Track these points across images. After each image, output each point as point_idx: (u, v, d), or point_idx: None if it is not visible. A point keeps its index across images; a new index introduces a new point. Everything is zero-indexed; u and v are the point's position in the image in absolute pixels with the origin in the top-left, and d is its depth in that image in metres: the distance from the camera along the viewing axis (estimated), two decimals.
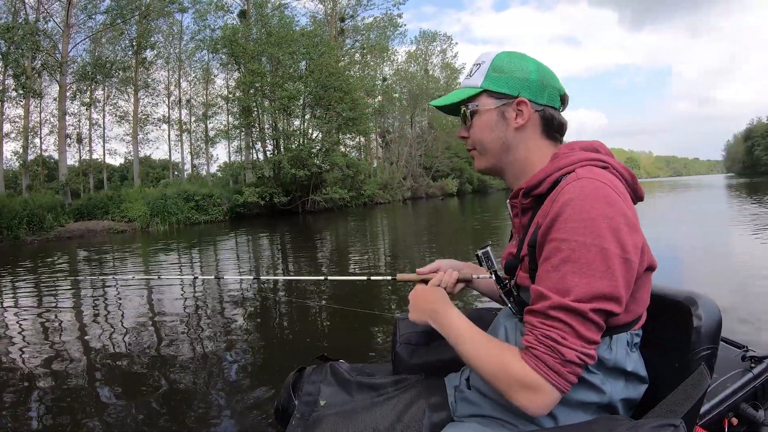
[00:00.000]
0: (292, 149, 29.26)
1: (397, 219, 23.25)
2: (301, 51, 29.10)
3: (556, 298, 1.05)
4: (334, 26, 39.71)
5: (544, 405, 1.07)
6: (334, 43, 35.63)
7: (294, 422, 1.43)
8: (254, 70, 27.64)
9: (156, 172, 44.45)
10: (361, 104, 33.02)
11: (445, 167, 51.20)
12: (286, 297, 6.11)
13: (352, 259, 9.02)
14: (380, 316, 4.97)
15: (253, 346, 4.51)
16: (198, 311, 6.20)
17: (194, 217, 24.17)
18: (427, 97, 50.67)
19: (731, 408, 1.46)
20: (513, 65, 1.25)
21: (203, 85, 35.27)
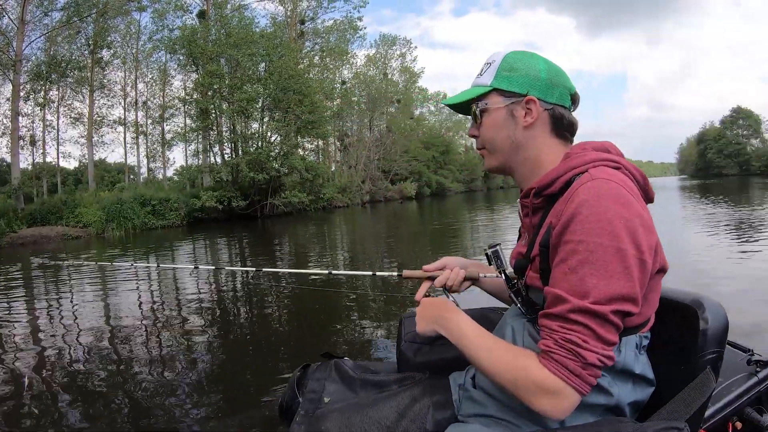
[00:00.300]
0: (250, 152, 28.89)
1: (356, 223, 23.39)
2: (260, 53, 28.86)
3: (575, 301, 1.05)
4: (294, 28, 39.44)
5: (565, 409, 1.07)
6: (294, 46, 35.41)
7: (298, 419, 1.43)
8: (213, 72, 27.20)
9: (111, 176, 43.41)
10: (320, 107, 32.90)
11: (403, 171, 51.49)
12: (289, 291, 6.12)
13: (312, 266, 9.04)
14: (385, 314, 5.05)
15: (257, 343, 4.56)
16: (199, 306, 6.23)
17: (151, 222, 23.63)
18: (385, 101, 50.95)
19: (736, 412, 1.46)
20: (523, 64, 1.26)
21: (160, 86, 34.44)
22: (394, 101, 52.70)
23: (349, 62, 46.90)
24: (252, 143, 30.44)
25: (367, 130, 50.16)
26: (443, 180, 60.54)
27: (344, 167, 46.92)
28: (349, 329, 4.79)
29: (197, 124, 29.66)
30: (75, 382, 3.72)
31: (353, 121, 48.94)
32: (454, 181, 64.45)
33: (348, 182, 41.54)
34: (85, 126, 31.55)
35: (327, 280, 6.52)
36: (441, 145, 63.41)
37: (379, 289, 6.28)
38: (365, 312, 5.24)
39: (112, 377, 3.83)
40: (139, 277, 8.24)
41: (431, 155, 58.90)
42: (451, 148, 68.17)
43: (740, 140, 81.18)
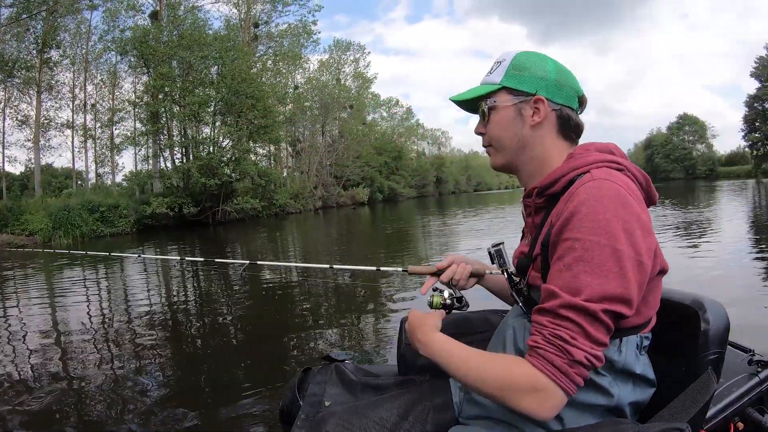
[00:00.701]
0: (202, 157, 28.39)
1: (309, 229, 23.34)
2: (213, 55, 28.48)
3: (566, 297, 1.05)
4: (247, 32, 39.00)
5: (551, 407, 1.06)
6: (248, 49, 35.05)
7: (299, 423, 1.43)
8: (164, 74, 26.65)
9: (59, 181, 41.65)
10: (272, 112, 32.79)
11: (356, 176, 51.67)
12: (288, 292, 6.12)
13: (241, 281, 9.00)
14: (385, 317, 5.12)
15: (257, 347, 4.61)
16: (195, 308, 6.29)
17: (99, 230, 22.87)
18: (338, 106, 50.96)
19: (737, 412, 1.45)
20: (533, 64, 1.28)
21: (110, 89, 33.22)
22: (346, 107, 52.76)
23: (303, 67, 46.71)
24: (203, 148, 29.99)
25: (319, 136, 50.01)
26: (395, 185, 61.09)
27: (296, 173, 46.74)
28: (350, 332, 4.88)
29: (147, 127, 28.95)
30: (64, 381, 3.77)
31: (305, 126, 48.64)
32: (406, 187, 65.12)
33: (300, 188, 41.28)
34: (31, 129, 30.17)
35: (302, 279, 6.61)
36: (393, 151, 64.00)
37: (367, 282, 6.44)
38: (366, 315, 5.33)
39: (109, 379, 3.88)
40: (126, 274, 8.15)
41: (383, 161, 59.31)
42: (403, 153, 68.88)
43: (686, 145, 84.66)
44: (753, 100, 57.61)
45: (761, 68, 55.72)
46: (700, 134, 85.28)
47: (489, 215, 22.26)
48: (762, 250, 8.25)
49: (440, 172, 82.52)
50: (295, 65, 44.53)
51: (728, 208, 17.86)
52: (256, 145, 34.77)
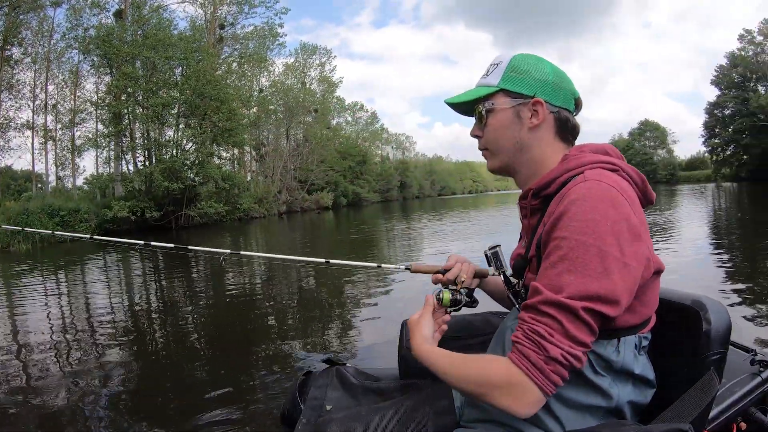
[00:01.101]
0: (164, 160, 27.96)
1: (274, 233, 23.16)
2: (178, 56, 28.05)
3: (547, 294, 1.06)
4: (213, 33, 38.55)
5: (527, 404, 1.06)
6: (213, 51, 34.70)
7: (300, 427, 1.44)
8: (127, 74, 26.11)
9: (18, 184, 40.49)
10: (237, 115, 32.51)
11: (320, 181, 51.46)
12: (286, 293, 6.12)
13: (229, 279, 9.04)
14: (386, 320, 5.12)
15: (258, 350, 4.64)
16: (192, 310, 6.28)
17: (60, 235, 22.04)
18: (303, 110, 50.79)
19: (740, 413, 1.45)
20: (530, 66, 1.28)
21: (71, 89, 32.11)
22: (311, 111, 52.62)
23: (268, 70, 46.47)
24: (166, 151, 29.51)
25: (283, 140, 49.71)
26: (360, 190, 61.10)
27: (260, 177, 46.34)
28: (351, 335, 4.93)
29: (109, 129, 28.33)
30: (79, 377, 3.75)
31: (270, 130, 48.34)
32: (371, 191, 65.19)
33: (265, 192, 40.88)
34: None
35: None
36: (357, 155, 63.98)
37: None
38: (367, 317, 5.37)
39: (108, 378, 3.94)
40: (94, 277, 8.03)
41: (348, 165, 59.23)
42: (368, 158, 68.92)
43: (647, 151, 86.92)
44: (713, 107, 60.13)
45: (721, 76, 58.23)
46: (661, 140, 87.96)
47: (454, 219, 22.60)
48: (721, 250, 8.71)
49: (404, 177, 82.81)
50: (261, 68, 44.30)
51: (688, 210, 18.56)
52: (220, 149, 34.39)
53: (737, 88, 56.49)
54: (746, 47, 55.87)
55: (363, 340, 4.69)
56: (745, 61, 55.66)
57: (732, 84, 57.03)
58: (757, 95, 52.48)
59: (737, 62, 56.18)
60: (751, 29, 55.57)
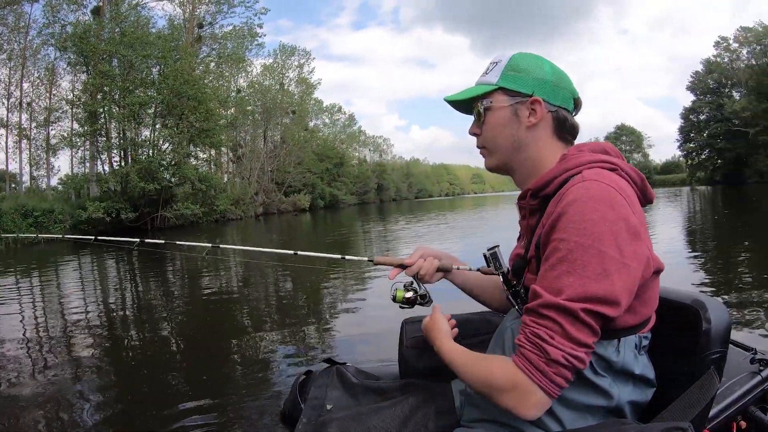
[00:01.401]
0: (140, 161, 27.69)
1: (251, 236, 23.03)
2: (155, 55, 27.78)
3: (547, 297, 1.06)
4: (191, 32, 38.22)
5: (532, 406, 1.07)
6: (191, 50, 34.36)
7: (301, 427, 1.44)
8: (104, 72, 25.82)
9: None
10: (214, 115, 32.30)
11: (297, 183, 51.33)
12: (286, 292, 6.13)
13: (205, 283, 8.99)
14: (386, 319, 4.96)
15: (258, 349, 4.63)
16: (190, 309, 6.29)
17: (33, 236, 21.73)
18: (280, 112, 50.67)
19: (740, 411, 1.45)
20: (529, 65, 1.28)
21: (47, 87, 31.35)
22: (289, 112, 52.50)
23: (246, 70, 46.25)
24: (143, 151, 29.20)
25: (261, 141, 49.55)
26: (337, 192, 61.17)
27: (237, 179, 46.06)
28: (351, 334, 4.94)
29: (85, 128, 27.90)
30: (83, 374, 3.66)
31: (247, 131, 48.05)
32: (348, 194, 65.28)
33: (241, 194, 40.69)
34: None
35: None
36: (335, 157, 64.19)
37: None
38: (367, 316, 5.39)
39: (105, 377, 3.94)
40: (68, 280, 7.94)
41: (325, 167, 59.30)
42: (345, 160, 69.20)
43: (623, 155, 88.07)
44: (688, 112, 61.83)
45: (697, 82, 59.92)
46: (636, 144, 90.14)
47: (431, 221, 22.69)
48: (695, 251, 8.96)
49: (381, 179, 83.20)
50: (239, 68, 44.06)
51: (664, 213, 18.90)
52: (197, 149, 34.07)
53: (712, 94, 58.30)
54: (722, 54, 57.61)
55: (363, 340, 4.70)
56: (721, 67, 57.44)
57: (707, 90, 58.80)
58: (731, 101, 54.23)
59: (713, 68, 57.96)
60: (727, 36, 57.27)
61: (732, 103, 53.70)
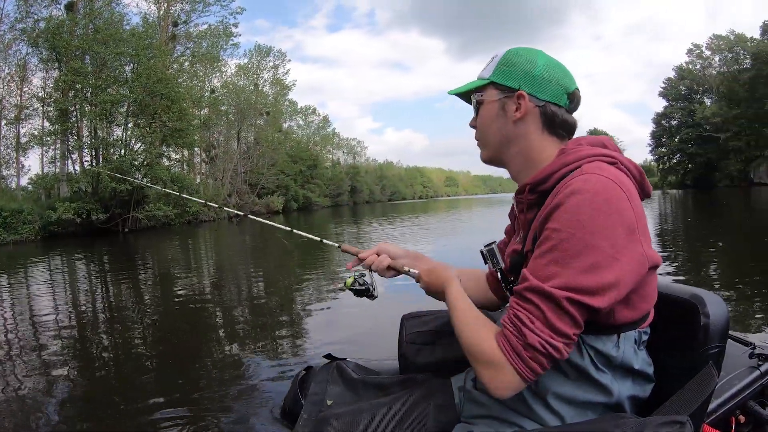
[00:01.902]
0: (112, 161, 27.12)
1: (224, 238, 22.83)
2: (129, 52, 27.18)
3: (534, 281, 1.08)
4: (166, 30, 37.65)
5: (504, 386, 1.09)
6: (165, 48, 33.82)
7: (301, 422, 1.46)
8: (76, 69, 25.21)
9: None
10: (188, 115, 31.85)
11: (270, 184, 51.02)
12: (284, 288, 6.15)
13: (178, 285, 8.86)
14: (385, 314, 4.92)
15: (260, 344, 4.69)
16: (200, 306, 6.31)
17: (1, 237, 21.19)
18: (254, 113, 50.36)
19: (739, 406, 1.46)
20: (520, 59, 1.28)
21: (18, 83, 30.26)
22: (263, 113, 52.24)
23: (221, 70, 45.80)
24: (114, 151, 28.61)
25: (234, 142, 49.12)
26: (310, 194, 60.88)
27: (210, 180, 45.53)
28: (351, 329, 5.01)
29: (56, 127, 27.17)
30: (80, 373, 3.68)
31: (220, 132, 47.54)
32: (321, 196, 65.07)
33: (214, 195, 40.39)
34: None
35: None
36: (308, 159, 63.98)
37: None
38: (366, 312, 5.40)
39: (104, 374, 4.00)
40: None
41: (299, 169, 59.06)
42: (319, 162, 69.03)
43: None
44: (660, 118, 64.28)
45: (669, 88, 61.69)
46: None
47: (404, 224, 22.91)
48: (667, 253, 9.12)
49: (355, 182, 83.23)
50: (213, 68, 43.66)
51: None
52: (169, 150, 33.63)
53: (684, 100, 60.61)
54: (694, 61, 59.44)
55: (362, 335, 4.74)
56: (693, 74, 59.34)
57: (679, 96, 60.97)
58: (703, 107, 56.49)
59: (685, 75, 60.07)
60: (699, 44, 59.06)
61: (703, 108, 55.95)
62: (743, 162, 52.94)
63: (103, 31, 26.48)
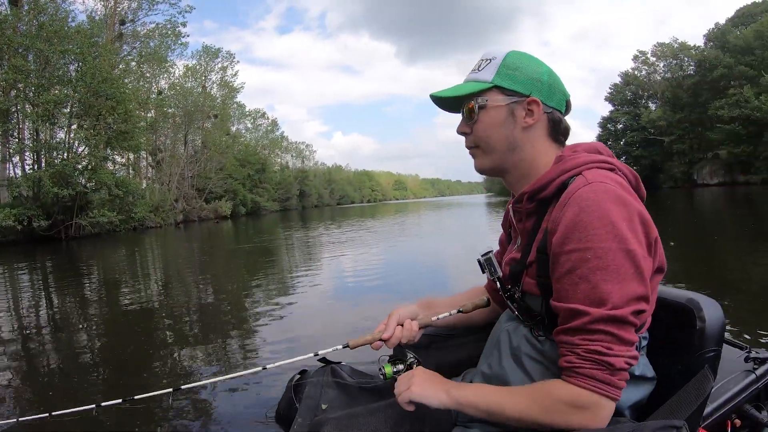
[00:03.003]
0: (55, 164, 25.92)
1: (170, 244, 22.23)
2: (74, 50, 26.08)
3: (594, 311, 1.04)
4: (112, 29, 36.42)
5: (603, 418, 1.07)
6: (111, 47, 32.61)
7: (296, 426, 1.42)
8: (18, 67, 23.93)
9: None
10: (133, 117, 30.96)
11: (218, 189, 50.24)
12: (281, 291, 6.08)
13: (125, 295, 8.54)
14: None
15: (253, 347, 4.69)
16: (190, 308, 6.28)
17: None
18: (202, 115, 49.58)
19: (734, 409, 1.46)
20: (526, 64, 1.26)
21: None
22: (211, 116, 51.42)
23: (168, 71, 44.69)
24: (57, 154, 27.45)
25: (181, 146, 48.10)
26: (259, 199, 60.38)
27: (156, 185, 44.24)
28: (346, 333, 4.89)
29: None
30: None
31: (167, 135, 46.35)
32: (270, 200, 64.62)
33: (161, 201, 39.35)
34: None
35: None
36: (257, 163, 63.34)
37: None
38: (360, 316, 5.44)
39: (104, 377, 4.01)
40: None
41: (247, 173, 58.41)
42: (267, 166, 68.45)
43: None
44: (606, 122, 66.79)
45: (615, 93, 64.41)
46: None
47: (352, 227, 23.11)
48: None
49: (304, 186, 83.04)
50: (161, 69, 42.72)
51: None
52: (114, 153, 32.73)
53: (630, 105, 63.25)
54: (640, 67, 62.03)
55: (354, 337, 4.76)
56: (638, 80, 61.99)
57: (625, 101, 64.00)
58: (648, 111, 59.30)
59: (630, 81, 62.73)
60: (645, 50, 61.76)
61: (648, 113, 58.69)
62: (687, 164, 55.79)
63: (47, 27, 25.35)
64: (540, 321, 1.23)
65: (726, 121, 45.58)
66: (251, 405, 3.29)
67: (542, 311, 1.21)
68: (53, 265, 15.21)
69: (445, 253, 11.95)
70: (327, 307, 6.26)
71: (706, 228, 14.09)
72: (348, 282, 8.26)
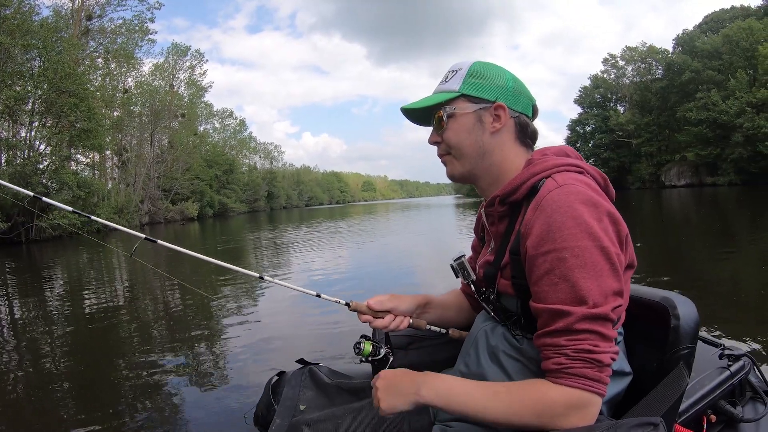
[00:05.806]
0: (14, 164, 25.11)
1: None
2: (37, 45, 25.14)
3: (577, 310, 1.05)
4: (79, 24, 35.12)
5: (593, 416, 1.07)
6: (76, 42, 31.62)
7: (274, 427, 1.44)
8: None
9: None
10: (98, 115, 30.08)
11: (185, 190, 49.38)
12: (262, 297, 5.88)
13: (87, 304, 8.17)
14: (356, 319, 4.93)
15: (232, 350, 4.65)
16: (176, 315, 6.30)
17: None
18: (169, 114, 48.77)
19: (710, 405, 1.49)
20: (491, 72, 1.29)
21: None
22: (178, 115, 50.62)
23: (136, 68, 43.70)
24: (18, 153, 26.60)
25: (147, 145, 47.09)
26: (226, 200, 59.63)
27: (122, 185, 43.06)
28: (323, 334, 5.01)
29: None
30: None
31: (133, 134, 45.40)
32: (237, 201, 63.90)
33: (126, 202, 38.35)
34: None
35: None
36: (224, 164, 62.61)
37: None
38: (338, 316, 5.41)
39: (82, 382, 3.95)
40: None
41: (214, 174, 57.71)
42: (235, 167, 67.76)
43: None
44: (575, 124, 68.44)
45: (584, 96, 65.70)
46: None
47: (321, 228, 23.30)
48: None
49: (272, 187, 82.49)
50: (128, 66, 41.77)
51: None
52: (77, 152, 31.91)
53: (598, 107, 64.64)
54: (609, 70, 63.43)
55: (335, 340, 4.75)
56: (607, 83, 63.32)
57: (594, 103, 65.62)
58: (616, 114, 60.62)
59: (599, 84, 64.17)
60: (614, 54, 63.02)
61: (617, 116, 59.99)
62: (655, 166, 57.57)
63: (10, 20, 24.39)
64: (516, 321, 1.24)
65: (693, 124, 46.96)
66: (229, 408, 3.30)
67: (518, 311, 1.22)
68: (14, 270, 14.65)
69: (416, 256, 12.10)
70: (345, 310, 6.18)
71: (671, 227, 14.57)
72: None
